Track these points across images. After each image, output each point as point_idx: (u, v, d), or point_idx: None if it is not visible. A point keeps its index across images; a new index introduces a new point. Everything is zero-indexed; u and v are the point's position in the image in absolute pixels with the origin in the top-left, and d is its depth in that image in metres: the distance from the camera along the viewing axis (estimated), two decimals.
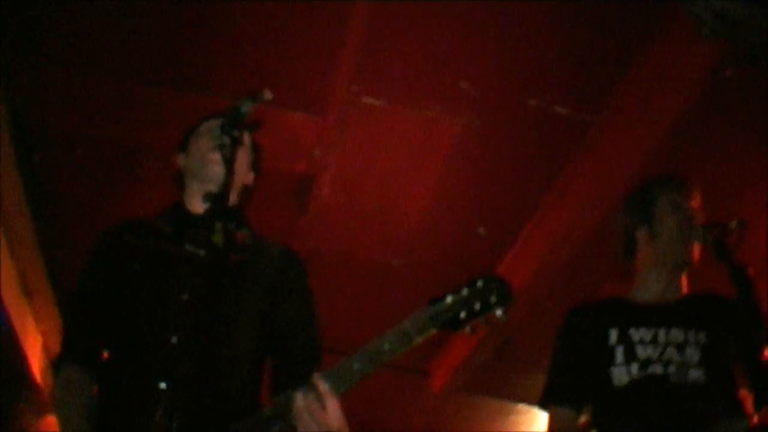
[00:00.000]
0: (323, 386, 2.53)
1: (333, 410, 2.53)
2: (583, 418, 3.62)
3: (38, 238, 6.25)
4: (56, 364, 3.07)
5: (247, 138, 3.28)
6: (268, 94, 2.74)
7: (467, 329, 2.56)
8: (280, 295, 3.20)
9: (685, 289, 3.67)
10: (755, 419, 3.34)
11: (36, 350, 6.68)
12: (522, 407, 8.22)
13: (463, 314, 2.54)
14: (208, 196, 2.54)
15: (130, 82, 5.05)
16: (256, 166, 3.49)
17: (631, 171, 4.86)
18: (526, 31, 4.59)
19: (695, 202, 3.65)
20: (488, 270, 6.27)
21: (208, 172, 3.13)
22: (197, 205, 3.16)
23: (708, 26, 4.02)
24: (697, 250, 3.58)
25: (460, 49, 4.70)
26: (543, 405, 3.66)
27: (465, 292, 2.57)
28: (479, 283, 2.58)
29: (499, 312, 2.54)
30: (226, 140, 2.67)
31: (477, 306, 2.55)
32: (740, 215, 3.30)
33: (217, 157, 2.85)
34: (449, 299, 2.57)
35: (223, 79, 4.92)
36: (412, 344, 2.56)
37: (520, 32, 4.60)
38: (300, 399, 2.54)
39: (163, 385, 2.74)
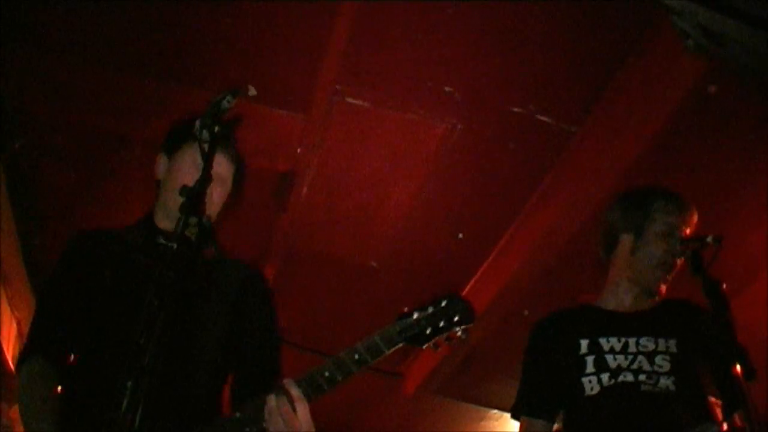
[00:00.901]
0: (294, 391, 2.63)
1: (303, 414, 2.62)
2: (555, 427, 3.63)
3: (16, 225, 6.22)
4: (21, 356, 3.06)
5: (226, 167, 3.33)
6: (252, 90, 2.72)
7: (431, 345, 2.79)
8: (245, 312, 3.23)
9: (655, 298, 3.68)
10: (724, 426, 3.35)
11: (10, 337, 6.65)
12: (494, 413, 8.24)
13: (428, 330, 2.75)
14: (184, 190, 2.52)
15: (114, 71, 5.02)
16: (238, 180, 3.46)
17: (612, 181, 4.87)
18: (512, 38, 4.60)
19: (689, 227, 3.64)
20: (460, 283, 6.34)
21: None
22: (166, 222, 3.19)
23: (693, 40, 4.02)
24: (667, 284, 3.60)
25: (446, 54, 4.71)
26: (514, 415, 3.67)
27: (430, 309, 2.78)
28: (444, 303, 2.79)
29: (459, 331, 2.79)
30: (206, 135, 2.65)
31: (441, 323, 2.75)
32: (720, 227, 3.31)
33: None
34: (416, 315, 2.77)
35: (207, 73, 4.91)
36: (381, 356, 2.74)
37: (506, 40, 4.61)
38: (272, 402, 2.62)
39: (128, 385, 2.76)
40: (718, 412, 3.41)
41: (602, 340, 3.49)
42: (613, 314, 3.62)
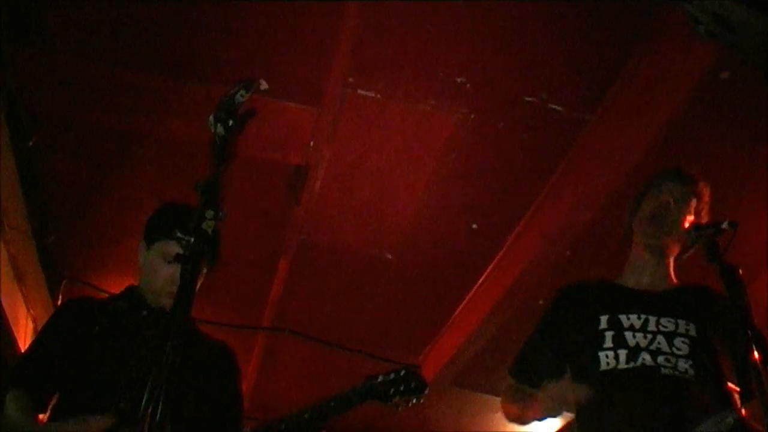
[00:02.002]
0: None
1: None
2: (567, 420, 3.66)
3: (31, 223, 6.24)
4: (3, 388, 3.23)
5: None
6: (264, 84, 2.73)
7: (393, 404, 3.37)
8: (215, 374, 3.54)
9: (674, 280, 3.69)
10: (743, 412, 3.34)
11: (26, 335, 6.68)
12: None
13: (391, 391, 3.35)
14: (200, 185, 2.54)
15: (125, 69, 5.04)
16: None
17: (626, 169, 4.85)
18: (524, 27, 4.59)
19: (691, 193, 3.65)
20: (475, 273, 6.32)
21: (162, 303, 3.43)
22: (149, 299, 3.48)
23: (704, 27, 4.00)
24: (672, 241, 3.60)
25: (457, 44, 4.70)
26: (508, 372, 3.79)
27: (392, 376, 3.37)
28: (402, 372, 3.39)
29: (414, 398, 3.38)
30: (221, 130, 2.66)
31: (401, 388, 3.35)
32: (734, 216, 3.30)
33: (174, 291, 3.05)
34: (380, 379, 3.37)
35: (218, 68, 4.91)
36: (352, 407, 3.31)
37: (518, 29, 4.60)
38: None
39: (122, 406, 3.10)
40: (737, 398, 3.40)
41: (622, 317, 3.50)
42: (633, 291, 3.64)
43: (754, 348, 2.92)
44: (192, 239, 2.44)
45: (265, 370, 7.96)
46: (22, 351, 6.46)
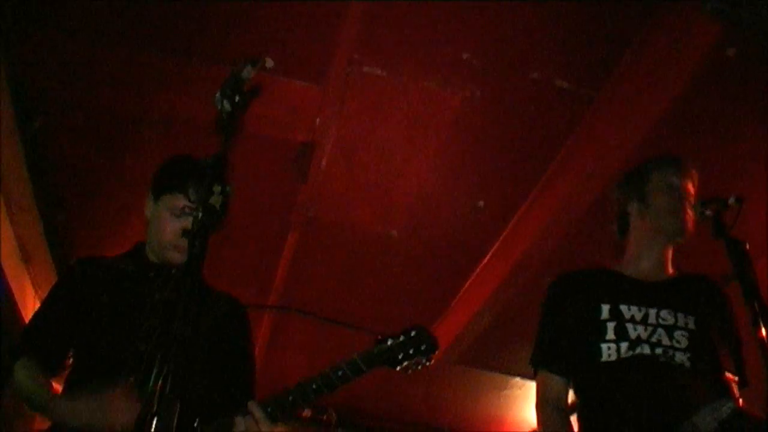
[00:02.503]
0: (258, 413, 2.99)
1: None
2: (571, 398, 3.65)
3: (37, 204, 6.25)
4: (11, 356, 3.21)
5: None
6: (269, 62, 2.74)
7: (402, 368, 3.24)
8: (227, 335, 3.49)
9: (671, 268, 3.70)
10: (740, 402, 3.39)
11: None
12: (517, 381, 8.26)
13: (400, 356, 3.20)
14: (206, 161, 2.56)
15: (130, 49, 5.03)
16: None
17: (632, 145, 4.86)
18: (530, 4, 4.58)
19: (691, 182, 3.67)
20: (480, 251, 6.32)
21: (169, 257, 3.42)
22: (155, 257, 3.48)
23: (711, 4, 4.01)
24: (690, 222, 3.60)
25: (463, 21, 4.69)
26: (535, 367, 3.71)
27: (402, 338, 3.22)
28: (413, 333, 3.23)
29: (424, 360, 3.24)
30: (227, 106, 2.67)
31: (411, 351, 3.20)
32: (740, 193, 3.31)
33: (181, 245, 3.19)
34: (390, 342, 3.21)
35: (223, 48, 4.91)
36: (361, 374, 3.16)
37: (524, 5, 4.59)
38: (240, 423, 2.98)
39: (132, 380, 3.05)
40: (734, 388, 3.44)
41: (623, 308, 3.51)
42: (633, 281, 3.65)
43: (761, 322, 2.94)
44: (199, 208, 2.46)
45: (272, 349, 7.98)
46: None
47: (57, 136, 5.69)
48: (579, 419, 3.57)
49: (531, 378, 7.90)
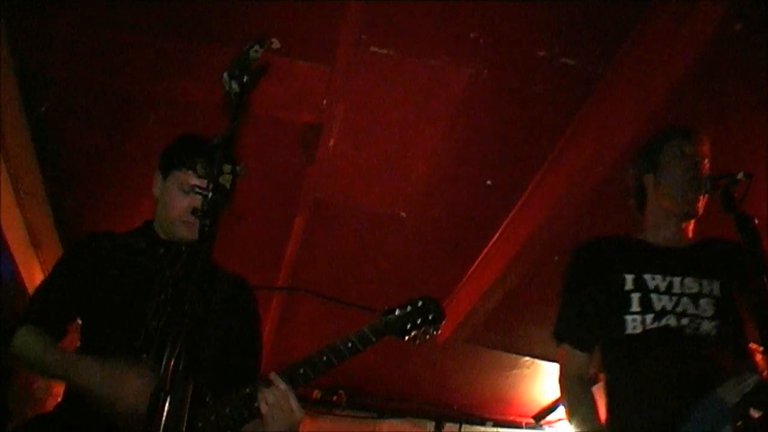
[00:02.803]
0: (282, 385, 3.01)
1: (295, 404, 3.02)
2: (593, 369, 3.66)
3: (46, 189, 6.27)
4: (16, 325, 3.20)
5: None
6: (276, 43, 2.75)
7: (410, 338, 3.28)
8: (235, 314, 3.50)
9: (692, 234, 3.69)
10: (765, 374, 3.34)
11: None
12: (526, 360, 8.28)
13: (408, 326, 3.25)
14: (215, 141, 2.57)
15: (136, 31, 5.03)
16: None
17: (640, 123, 4.84)
18: None
19: (703, 149, 3.66)
20: (489, 230, 6.31)
21: (178, 234, 3.44)
22: (165, 234, 3.49)
23: None
24: (702, 198, 3.59)
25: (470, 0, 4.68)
26: (557, 340, 3.72)
27: (409, 308, 3.28)
28: (419, 303, 3.30)
29: (432, 329, 3.31)
30: (235, 86, 2.67)
31: (419, 321, 3.26)
32: (747, 170, 3.30)
33: (190, 220, 3.28)
34: (398, 312, 3.26)
35: (229, 29, 4.90)
36: (370, 345, 3.18)
37: None
38: (269, 394, 3.00)
39: (144, 357, 3.08)
40: (759, 358, 3.42)
41: (647, 277, 3.51)
42: (656, 249, 3.65)
43: None
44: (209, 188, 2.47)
45: (281, 330, 8.00)
46: None
47: (64, 120, 5.70)
48: (605, 392, 3.58)
49: (539, 357, 7.97)
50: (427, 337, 3.32)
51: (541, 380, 8.60)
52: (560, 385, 3.70)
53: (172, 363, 2.11)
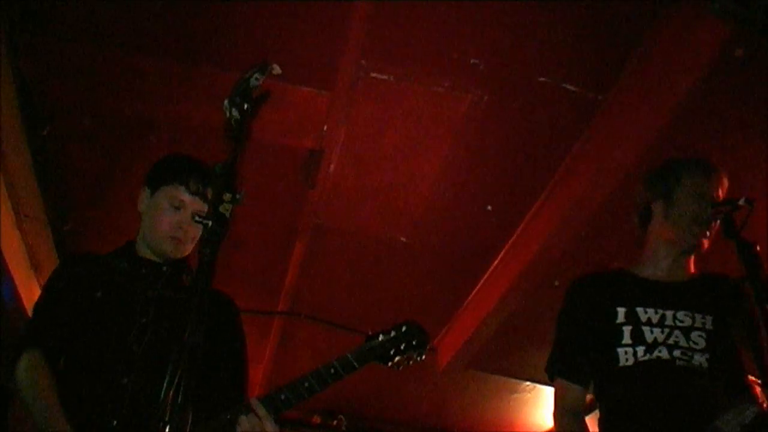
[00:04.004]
0: (261, 411, 2.98)
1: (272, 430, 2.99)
2: (589, 397, 3.64)
3: (46, 211, 6.27)
4: (18, 351, 3.16)
5: (197, 204, 3.46)
6: (277, 69, 2.75)
7: (394, 364, 3.21)
8: (216, 332, 3.28)
9: (692, 269, 3.68)
10: (765, 406, 3.32)
11: None
12: (527, 385, 8.25)
13: (392, 352, 3.18)
14: (218, 166, 2.56)
15: (138, 55, 5.04)
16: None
17: (641, 148, 4.84)
18: (536, 7, 4.57)
19: (721, 191, 3.63)
20: (490, 254, 6.32)
21: (163, 250, 3.41)
22: (147, 253, 3.45)
23: (719, 3, 3.99)
24: (708, 238, 3.58)
25: (470, 25, 4.68)
26: (551, 376, 3.69)
27: (393, 333, 3.20)
28: (404, 328, 3.22)
29: (416, 354, 3.23)
30: (235, 113, 2.67)
31: (402, 346, 3.18)
32: (750, 195, 3.30)
33: (178, 236, 3.28)
34: (381, 338, 3.19)
35: (231, 54, 4.91)
36: (353, 371, 3.12)
37: (531, 9, 4.58)
38: (245, 422, 2.96)
39: (125, 380, 3.08)
40: (758, 390, 3.38)
41: (639, 310, 3.49)
42: (649, 283, 3.62)
43: None
44: (210, 222, 2.45)
45: (281, 355, 7.99)
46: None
47: (65, 143, 5.71)
48: (600, 424, 3.57)
49: (540, 382, 7.95)
50: (411, 362, 3.25)
51: (543, 405, 8.57)
52: (554, 419, 3.68)
53: (170, 393, 2.10)
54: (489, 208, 6.01)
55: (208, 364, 3.24)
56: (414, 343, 3.20)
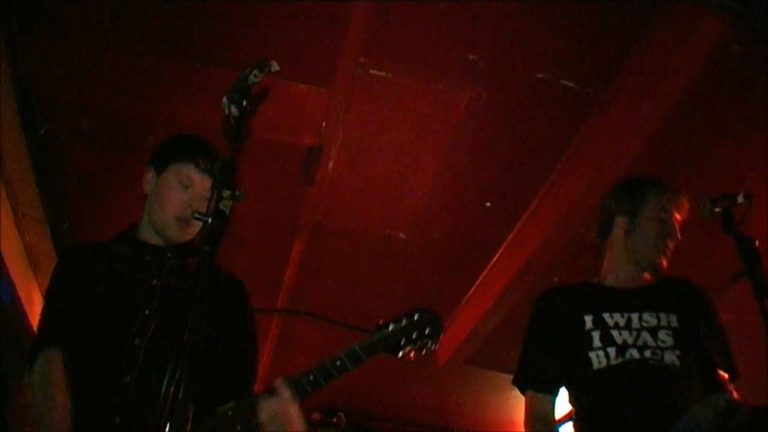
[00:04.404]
0: (286, 393, 2.82)
1: (297, 416, 2.83)
2: (569, 408, 3.68)
3: (44, 211, 6.26)
4: (33, 352, 3.12)
5: (206, 184, 3.31)
6: (275, 66, 2.73)
7: (404, 354, 3.02)
8: (226, 318, 3.26)
9: (649, 276, 3.75)
10: (735, 395, 3.42)
11: None
12: None
13: (402, 341, 2.99)
14: (217, 164, 2.55)
15: (136, 54, 5.03)
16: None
17: (639, 145, 4.86)
18: (534, 5, 4.58)
19: (683, 216, 3.72)
20: (489, 251, 6.32)
21: (169, 234, 3.30)
22: (151, 237, 3.32)
23: (716, 0, 4.00)
24: (666, 259, 3.68)
25: (468, 22, 4.69)
26: (520, 388, 3.73)
27: (404, 322, 3.01)
28: (416, 316, 3.03)
29: (430, 343, 3.03)
30: (234, 111, 2.67)
31: (414, 335, 3.00)
32: (747, 190, 3.31)
33: (187, 216, 3.15)
34: (391, 327, 3.00)
35: (229, 52, 4.91)
36: (361, 363, 2.93)
37: (528, 6, 4.59)
38: (267, 404, 2.81)
39: (127, 379, 2.96)
40: (727, 383, 3.49)
41: (606, 315, 3.56)
42: (613, 290, 3.70)
43: None
44: (209, 219, 2.44)
45: (280, 353, 7.99)
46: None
47: (63, 143, 5.70)
48: (575, 427, 3.60)
49: None
50: (423, 352, 3.05)
51: None
52: (525, 428, 3.70)
53: (171, 391, 2.10)
54: (488, 204, 6.02)
55: (215, 353, 3.10)
56: (427, 332, 3.02)
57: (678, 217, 3.71)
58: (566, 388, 3.65)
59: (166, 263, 3.27)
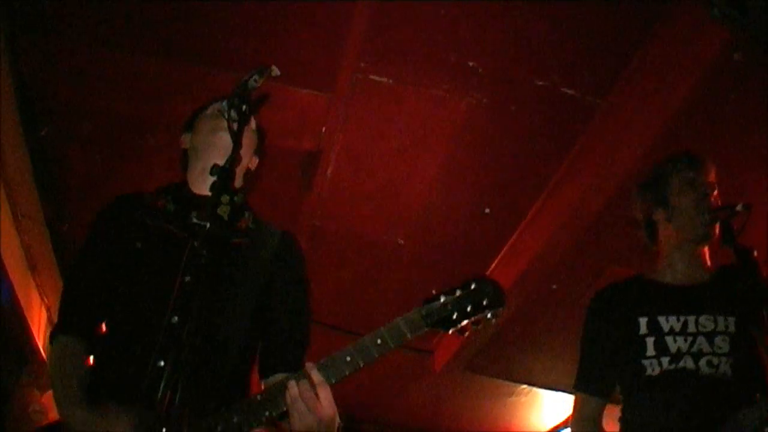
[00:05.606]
0: (316, 376, 2.59)
1: (326, 399, 2.60)
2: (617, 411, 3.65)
3: (44, 212, 6.26)
4: (52, 335, 3.06)
5: (253, 121, 3.26)
6: (275, 70, 2.72)
7: (457, 330, 2.63)
8: (277, 281, 3.15)
9: (708, 263, 3.66)
10: None
11: (40, 324, 6.69)
12: (523, 388, 8.26)
13: (455, 315, 2.61)
14: (215, 170, 2.52)
15: (137, 56, 5.04)
16: (260, 150, 3.40)
17: (639, 152, 4.85)
18: (536, 11, 4.58)
19: (711, 178, 3.63)
20: (488, 257, 6.32)
21: (214, 149, 3.11)
22: (201, 187, 3.12)
23: (717, 9, 3.99)
24: (715, 225, 3.55)
25: (469, 28, 4.69)
26: (576, 389, 3.71)
27: (458, 293, 2.64)
28: (473, 285, 2.65)
29: (489, 315, 2.63)
30: (234, 115, 2.66)
31: (469, 308, 2.61)
32: (747, 200, 3.30)
33: (224, 135, 2.82)
34: (442, 299, 2.64)
35: (230, 55, 4.91)
36: (404, 341, 2.62)
37: (529, 13, 4.59)
38: (294, 388, 2.59)
39: (161, 363, 2.76)
40: None
41: (661, 319, 3.48)
42: (670, 288, 3.60)
43: None
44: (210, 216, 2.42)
45: None
46: (36, 340, 6.50)
47: (63, 143, 5.70)
48: (621, 425, 3.58)
49: (536, 385, 7.94)
50: (479, 326, 2.67)
51: (538, 408, 8.57)
52: (571, 427, 3.72)
53: (167, 396, 2.08)
54: (487, 210, 6.02)
55: (267, 319, 3.08)
56: (485, 302, 2.62)
57: (706, 178, 3.62)
58: (618, 385, 3.61)
59: (215, 218, 2.74)
